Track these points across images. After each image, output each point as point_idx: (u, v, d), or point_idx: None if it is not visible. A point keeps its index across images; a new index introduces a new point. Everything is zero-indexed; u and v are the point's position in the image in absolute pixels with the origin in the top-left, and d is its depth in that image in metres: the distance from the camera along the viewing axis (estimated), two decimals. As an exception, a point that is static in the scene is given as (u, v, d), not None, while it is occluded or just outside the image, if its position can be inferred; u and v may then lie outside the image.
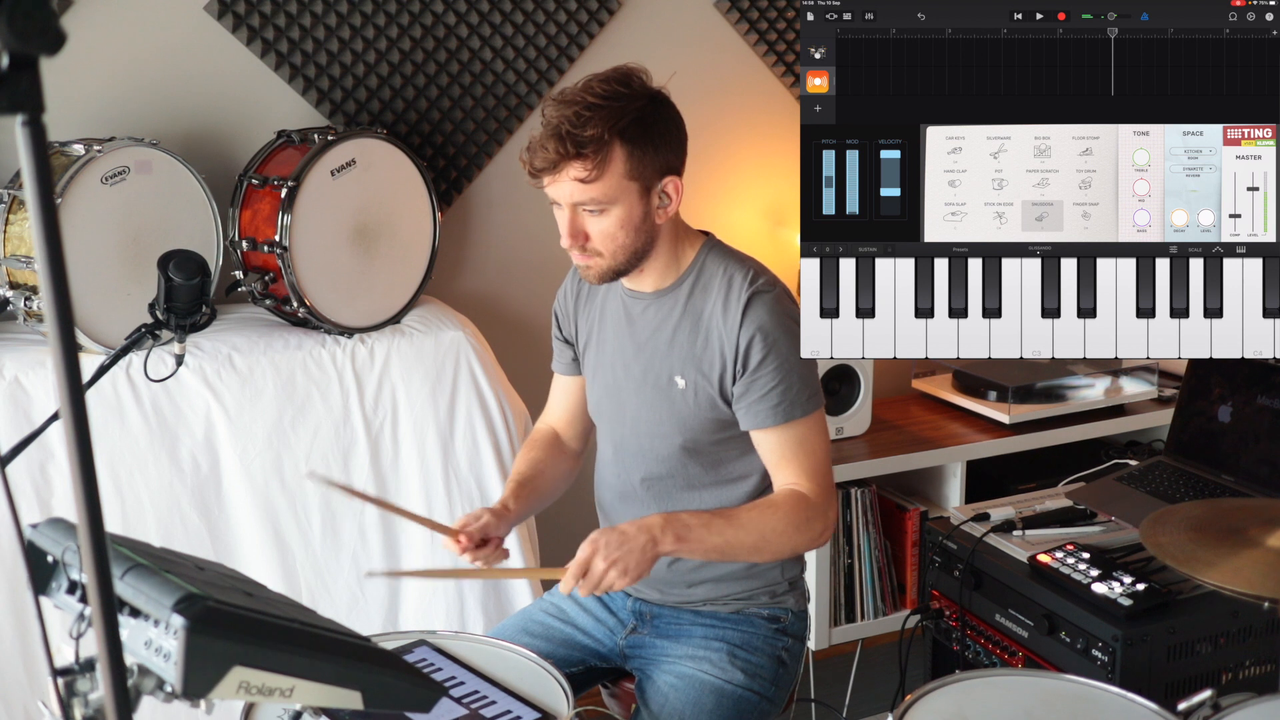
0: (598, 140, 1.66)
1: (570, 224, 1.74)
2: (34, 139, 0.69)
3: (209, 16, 2.55)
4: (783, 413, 1.76)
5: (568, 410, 2.07)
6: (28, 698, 2.16)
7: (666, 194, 1.76)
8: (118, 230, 2.22)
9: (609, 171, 1.68)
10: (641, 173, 1.71)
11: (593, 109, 1.66)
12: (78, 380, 0.72)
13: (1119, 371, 3.18)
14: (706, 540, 1.68)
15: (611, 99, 1.68)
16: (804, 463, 1.77)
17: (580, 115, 1.66)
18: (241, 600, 1.08)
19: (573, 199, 1.71)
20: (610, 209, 1.71)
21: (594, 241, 1.74)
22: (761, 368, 1.76)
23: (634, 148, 1.70)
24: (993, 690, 1.69)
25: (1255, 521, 1.72)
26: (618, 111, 1.68)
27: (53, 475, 2.16)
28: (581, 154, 1.66)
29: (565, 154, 1.66)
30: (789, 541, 1.73)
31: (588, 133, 1.65)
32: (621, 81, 1.71)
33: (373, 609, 2.41)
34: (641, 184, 1.72)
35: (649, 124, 1.71)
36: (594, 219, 1.73)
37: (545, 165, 1.69)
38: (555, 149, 1.67)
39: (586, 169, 1.67)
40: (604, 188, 1.69)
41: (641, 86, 1.73)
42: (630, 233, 1.74)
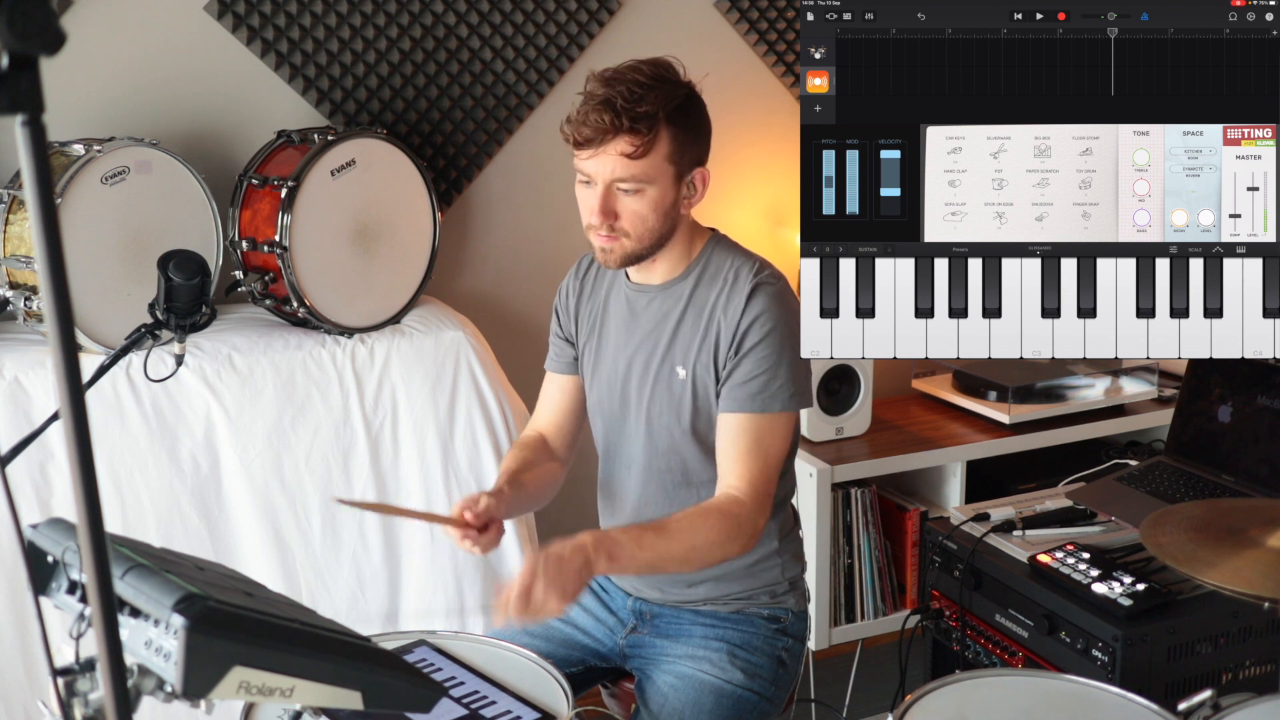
0: (650, 117, 1.69)
1: (602, 201, 1.74)
2: (34, 139, 0.69)
3: (209, 16, 2.55)
4: (760, 402, 1.76)
5: (559, 411, 2.03)
6: (28, 698, 2.16)
7: (694, 184, 1.79)
8: (118, 230, 2.22)
9: (654, 151, 1.71)
10: (681, 158, 1.75)
11: (645, 87, 1.70)
12: (78, 380, 0.72)
13: (1119, 371, 3.18)
14: (637, 556, 1.67)
15: (661, 81, 1.72)
16: (752, 464, 1.76)
17: (634, 91, 1.69)
18: (242, 600, 1.08)
19: (613, 174, 1.72)
20: (646, 189, 1.73)
21: (623, 221, 1.75)
22: (753, 353, 1.76)
23: (679, 131, 1.73)
24: (993, 690, 1.69)
25: (1255, 521, 1.72)
26: (669, 94, 1.72)
27: (53, 475, 2.16)
28: (635, 128, 1.69)
29: (618, 126, 1.68)
30: (718, 552, 1.72)
31: (642, 109, 1.68)
32: (665, 68, 1.76)
33: (373, 609, 2.41)
34: (678, 169, 1.75)
35: (692, 112, 1.76)
36: (628, 198, 1.74)
37: (595, 135, 1.70)
38: (610, 120, 1.68)
39: (634, 144, 1.69)
40: (646, 166, 1.71)
41: (680, 77, 1.78)
42: (659, 216, 1.76)
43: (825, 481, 2.83)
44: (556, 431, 2.03)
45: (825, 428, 2.95)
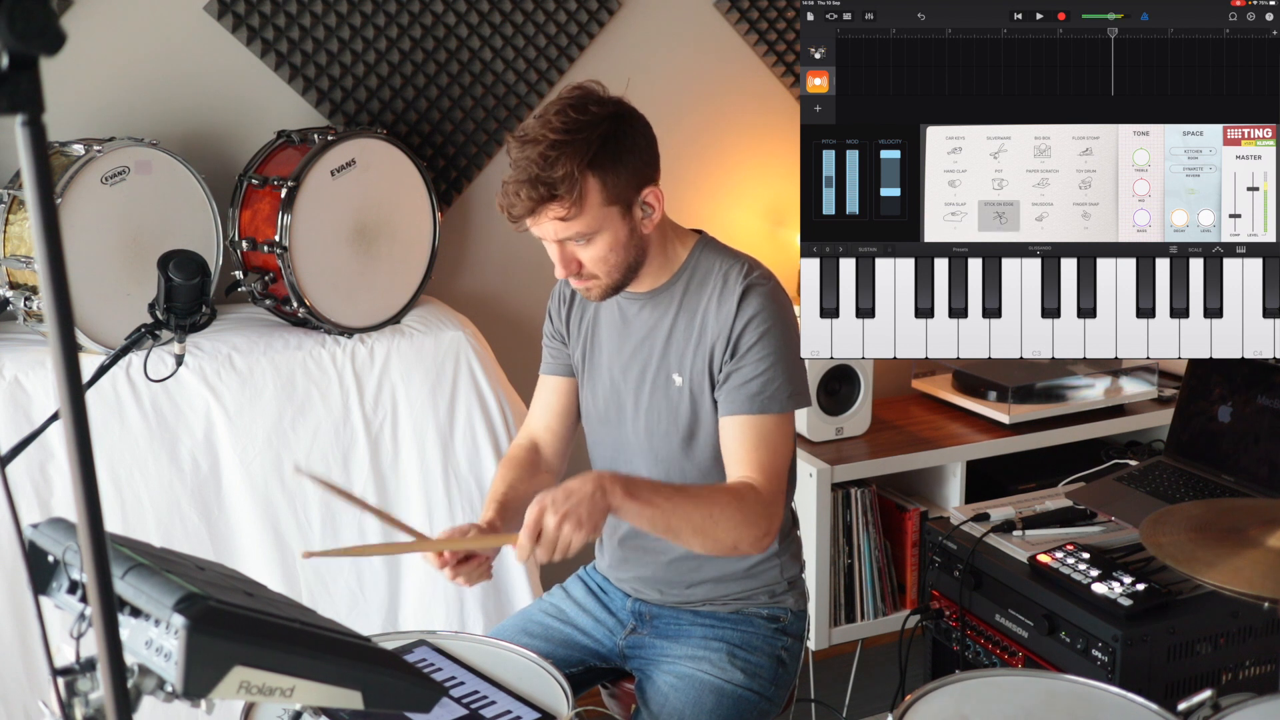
0: (569, 178, 1.64)
1: (561, 256, 1.73)
2: (34, 139, 0.69)
3: (209, 16, 2.55)
4: (759, 403, 1.75)
5: (553, 414, 2.01)
6: (28, 698, 2.16)
7: (648, 204, 1.74)
8: (118, 230, 2.22)
9: (587, 204, 1.67)
10: (619, 195, 1.70)
11: (557, 146, 1.64)
12: (78, 380, 0.72)
13: (1119, 371, 3.18)
14: (654, 502, 1.61)
15: (573, 130, 1.65)
16: (762, 459, 1.74)
17: (546, 155, 1.63)
18: (242, 600, 1.08)
19: (558, 236, 1.70)
20: (596, 237, 1.71)
21: (587, 267, 1.74)
22: (749, 354, 1.75)
23: (607, 174, 1.67)
24: (993, 690, 1.69)
25: (1255, 521, 1.72)
26: (582, 144, 1.65)
27: (53, 475, 2.16)
28: (555, 195, 1.65)
29: (540, 197, 1.65)
30: (733, 531, 1.66)
31: (558, 173, 1.63)
32: (578, 108, 1.68)
33: (373, 609, 2.41)
34: (621, 205, 1.71)
35: (615, 146, 1.68)
36: (582, 248, 1.72)
37: (523, 212, 1.68)
38: (528, 195, 1.65)
39: (565, 208, 1.66)
40: (585, 220, 1.68)
41: (599, 108, 1.69)
42: (620, 252, 1.74)
43: (825, 481, 2.83)
44: (551, 435, 2.01)
45: (825, 428, 2.95)
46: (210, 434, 2.28)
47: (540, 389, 2.04)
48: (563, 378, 2.00)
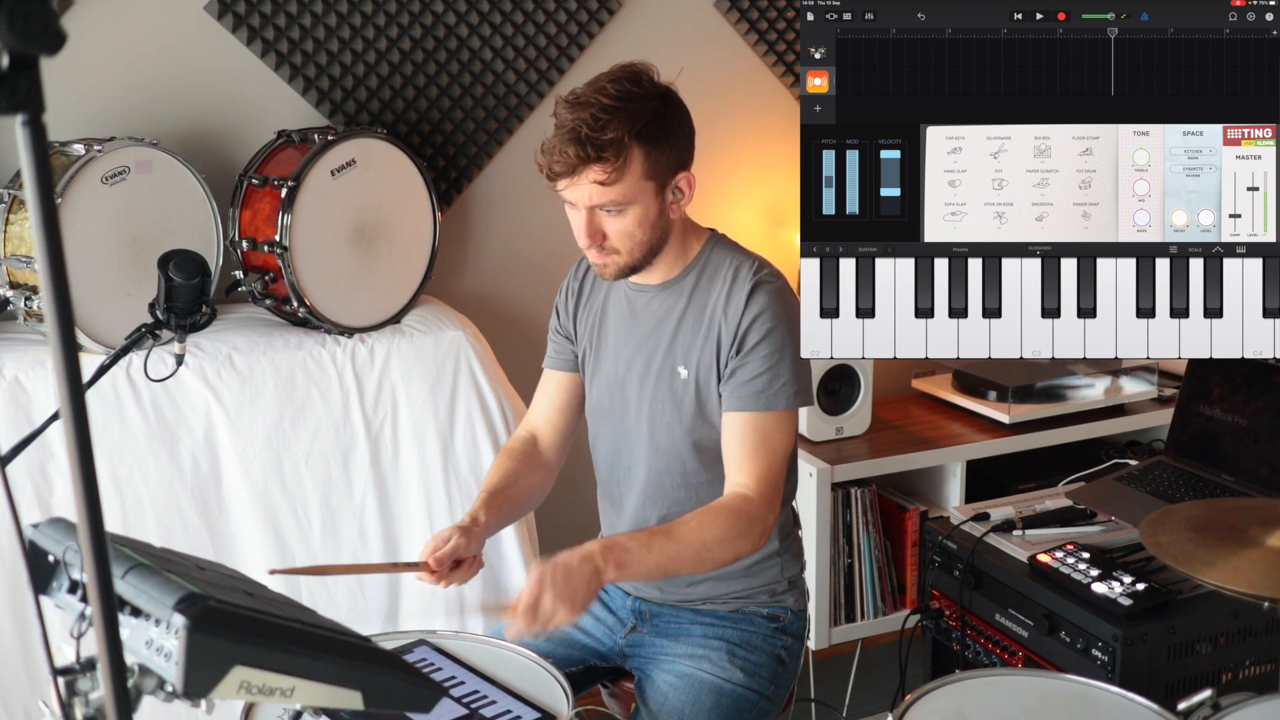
0: (617, 143, 1.67)
1: (588, 224, 1.74)
2: (34, 139, 0.69)
3: (209, 16, 2.55)
4: (764, 400, 1.76)
5: (554, 408, 2.02)
6: (28, 698, 2.16)
7: (680, 189, 1.78)
8: (118, 230, 2.22)
9: (628, 173, 1.69)
10: (658, 171, 1.73)
11: (609, 111, 1.67)
12: (78, 380, 0.72)
13: (1119, 371, 3.18)
14: (647, 561, 1.65)
15: (626, 100, 1.69)
16: (760, 461, 1.75)
17: (598, 118, 1.66)
18: (242, 600, 1.08)
19: (591, 201, 1.72)
20: (628, 209, 1.73)
21: (611, 240, 1.76)
22: (755, 351, 1.76)
23: (651, 148, 1.71)
24: (993, 690, 1.69)
25: (1255, 521, 1.72)
26: (634, 113, 1.68)
27: (53, 475, 2.16)
28: (602, 157, 1.67)
29: (585, 158, 1.67)
30: (729, 550, 1.70)
31: (607, 136, 1.66)
32: (633, 81, 1.72)
33: (373, 609, 2.41)
34: (658, 182, 1.74)
35: (663, 123, 1.73)
36: (611, 219, 1.74)
37: (564, 169, 1.69)
38: (575, 153, 1.67)
39: (606, 172, 1.68)
40: (623, 189, 1.70)
41: (652, 85, 1.74)
42: (647, 229, 1.76)
43: (825, 481, 2.83)
44: (551, 429, 2.02)
45: (825, 427, 2.95)
46: (210, 434, 2.28)
47: (543, 382, 2.05)
48: (565, 372, 2.01)
